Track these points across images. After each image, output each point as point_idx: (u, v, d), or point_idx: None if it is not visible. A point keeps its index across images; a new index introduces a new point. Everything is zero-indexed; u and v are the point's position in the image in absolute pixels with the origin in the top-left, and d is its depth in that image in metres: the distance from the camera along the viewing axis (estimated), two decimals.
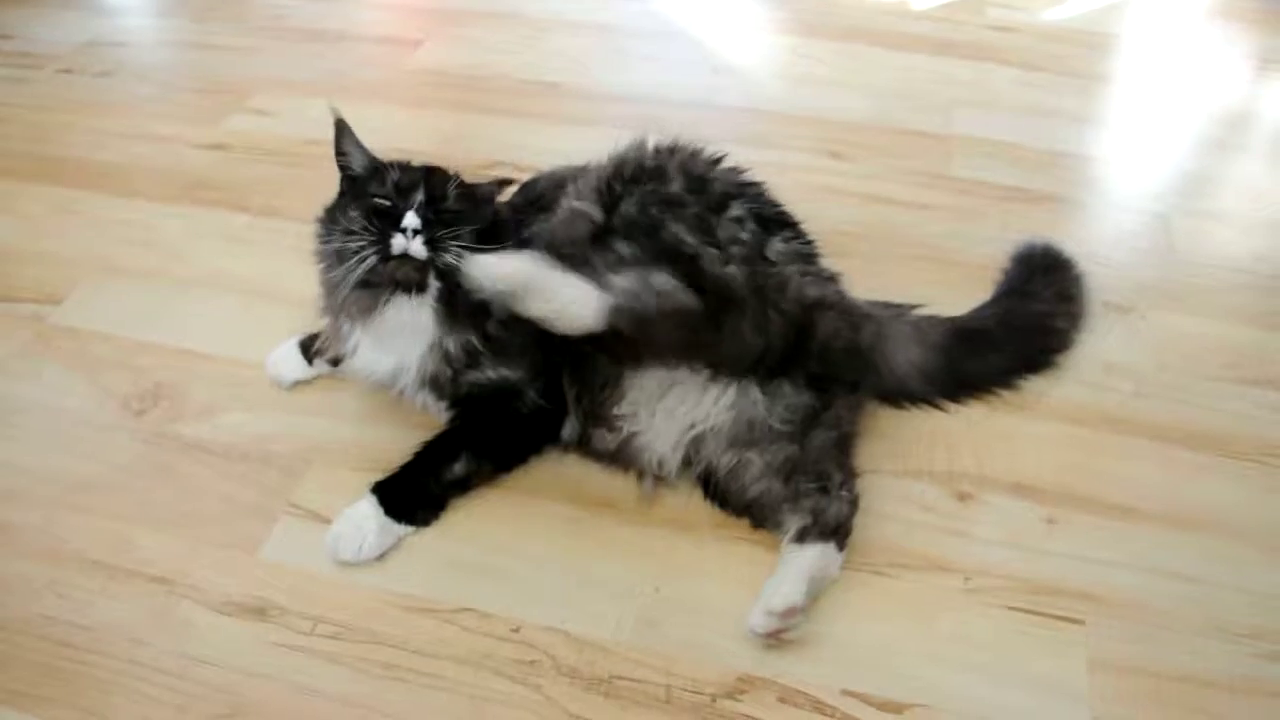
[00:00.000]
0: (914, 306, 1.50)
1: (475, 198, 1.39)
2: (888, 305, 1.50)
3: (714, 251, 1.29)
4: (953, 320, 1.51)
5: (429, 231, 1.28)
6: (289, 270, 1.73)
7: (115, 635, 1.24)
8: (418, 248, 1.27)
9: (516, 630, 1.23)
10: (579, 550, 1.32)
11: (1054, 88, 2.27)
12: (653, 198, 1.34)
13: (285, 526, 1.36)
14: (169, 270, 1.76)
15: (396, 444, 1.40)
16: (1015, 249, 1.64)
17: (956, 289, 1.63)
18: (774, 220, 1.40)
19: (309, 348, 1.53)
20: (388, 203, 1.31)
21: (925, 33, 2.47)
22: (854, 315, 1.40)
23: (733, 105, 2.20)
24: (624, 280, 1.23)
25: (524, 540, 1.34)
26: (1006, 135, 2.10)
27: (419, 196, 1.31)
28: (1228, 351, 1.61)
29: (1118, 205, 1.95)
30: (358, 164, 1.39)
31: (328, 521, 1.34)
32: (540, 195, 1.51)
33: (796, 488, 1.29)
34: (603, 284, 1.22)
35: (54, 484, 1.42)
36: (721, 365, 1.31)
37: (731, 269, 1.28)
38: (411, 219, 1.28)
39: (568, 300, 1.20)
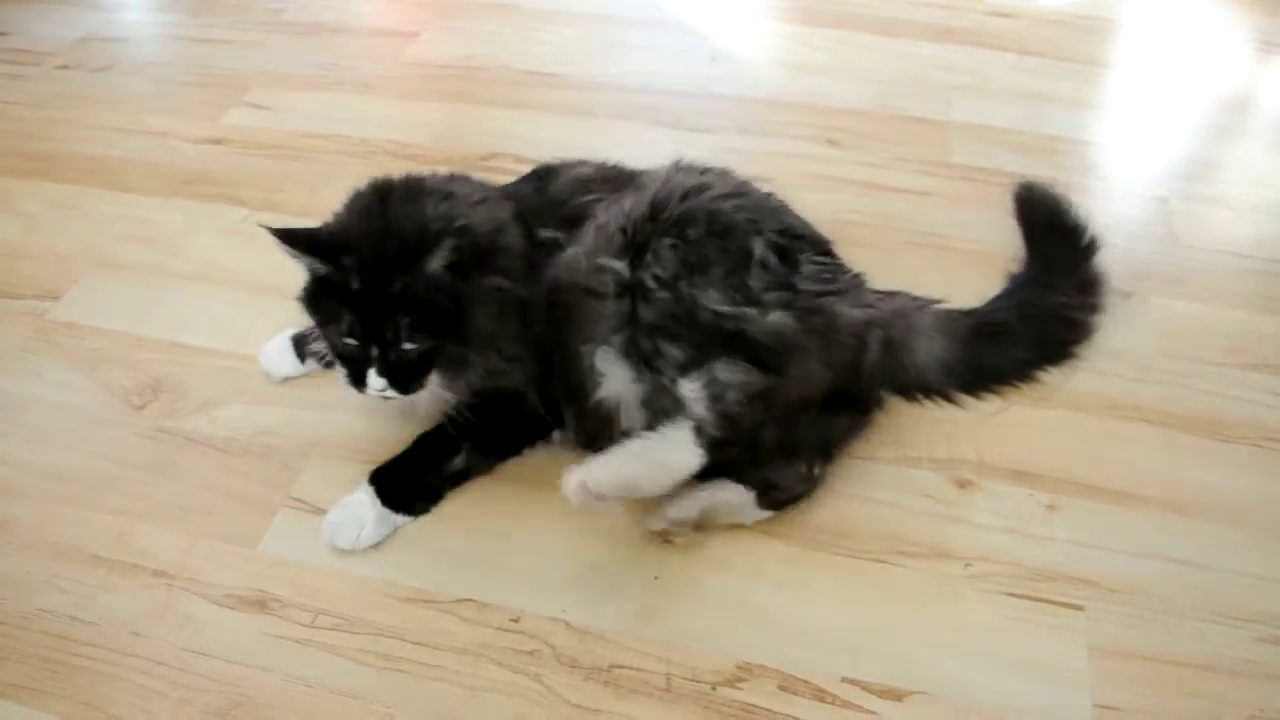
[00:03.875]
0: (935, 301, 1.50)
1: (440, 296, 1.26)
2: (913, 298, 1.49)
3: (753, 311, 1.27)
4: (974, 313, 1.51)
5: (399, 379, 1.27)
6: (287, 264, 1.72)
7: (116, 629, 1.25)
8: (393, 392, 1.27)
9: (516, 620, 1.23)
10: (579, 540, 1.32)
11: (1053, 73, 2.26)
12: (680, 264, 1.30)
13: (285, 519, 1.36)
14: (167, 265, 1.76)
15: (396, 436, 1.41)
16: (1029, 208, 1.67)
17: (956, 276, 1.63)
18: (791, 245, 1.36)
19: (302, 343, 1.53)
20: (352, 346, 1.27)
21: (924, 19, 2.45)
22: (893, 323, 1.40)
23: (731, 94, 2.19)
24: (694, 391, 1.24)
25: (523, 530, 1.34)
26: (1006, 121, 2.09)
27: (375, 350, 1.25)
28: (1228, 336, 1.60)
29: (1118, 190, 1.94)
30: (312, 268, 1.30)
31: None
32: (562, 201, 1.47)
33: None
34: (677, 397, 1.24)
35: (54, 479, 1.42)
36: (795, 407, 1.31)
37: (776, 318, 1.28)
38: (376, 382, 1.26)
39: (675, 466, 1.22)
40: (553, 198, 1.49)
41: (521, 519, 1.35)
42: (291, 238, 1.26)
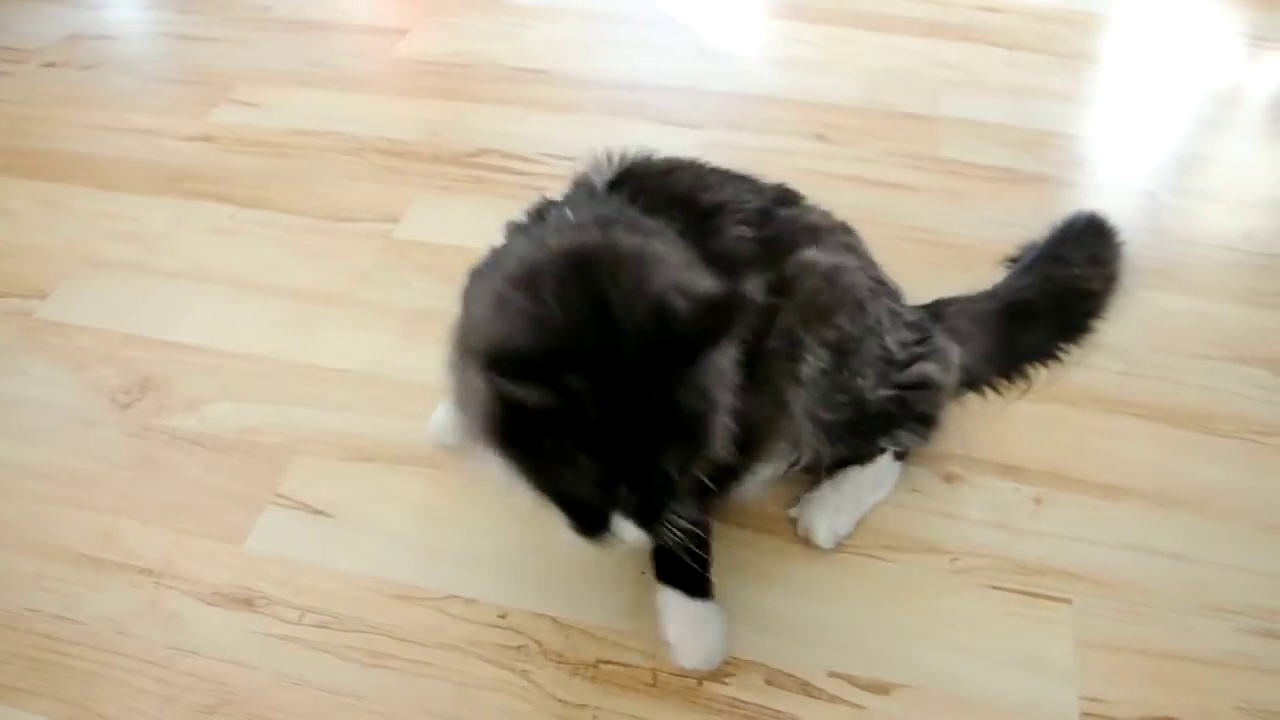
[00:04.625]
0: (960, 298, 1.50)
1: (701, 397, 0.95)
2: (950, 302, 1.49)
3: (906, 375, 1.28)
4: (996, 295, 1.52)
5: (650, 516, 0.97)
6: (275, 261, 1.74)
7: (102, 627, 1.24)
8: (635, 536, 0.97)
9: (503, 616, 1.23)
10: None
11: (1043, 68, 2.26)
12: (835, 356, 1.19)
13: (271, 517, 1.35)
14: (154, 263, 1.76)
15: (380, 434, 1.41)
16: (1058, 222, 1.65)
17: (945, 269, 1.63)
18: (886, 286, 1.32)
19: None
20: (588, 490, 0.94)
21: (913, 14, 2.45)
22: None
23: (720, 90, 2.19)
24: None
25: (511, 527, 1.33)
26: (995, 116, 2.09)
27: (624, 489, 0.94)
28: (1216, 330, 1.60)
29: (1107, 185, 1.94)
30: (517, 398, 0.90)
31: (313, 511, 1.35)
32: (780, 238, 1.22)
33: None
34: None
35: (41, 478, 1.41)
36: None
37: (919, 369, 1.29)
38: (629, 531, 0.96)
39: (887, 485, 1.35)
40: (780, 238, 1.22)
41: (510, 516, 1.34)
42: (501, 367, 0.88)
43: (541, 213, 1.21)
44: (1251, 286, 1.69)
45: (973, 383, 1.46)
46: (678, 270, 0.99)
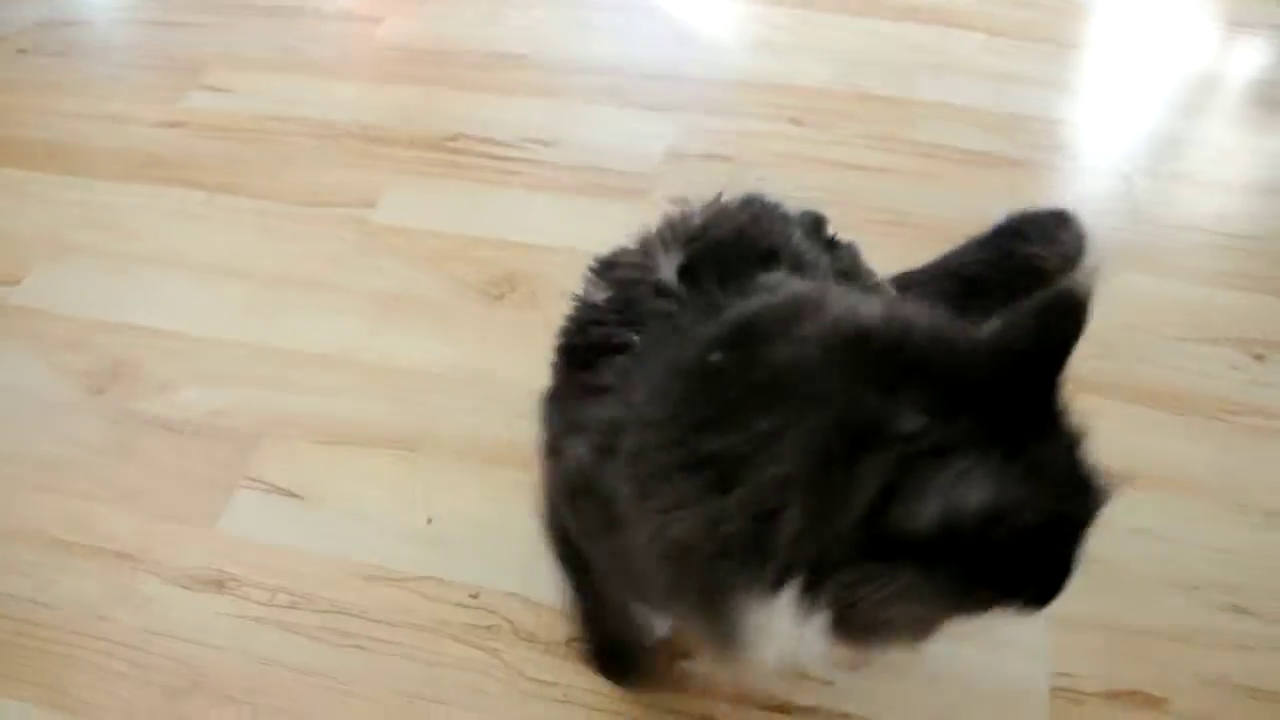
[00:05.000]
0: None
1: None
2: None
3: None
4: (948, 265, 1.48)
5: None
6: (247, 246, 1.73)
7: (77, 611, 1.24)
8: None
9: (475, 596, 1.23)
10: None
11: (1019, 52, 2.26)
12: None
13: (242, 499, 1.35)
14: (125, 249, 1.75)
15: (353, 417, 1.41)
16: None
17: (915, 251, 1.62)
18: None
19: None
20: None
21: None
22: None
23: (696, 75, 2.18)
24: None
25: (484, 507, 1.33)
26: (970, 100, 2.09)
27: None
28: (1190, 311, 1.61)
29: (1082, 168, 1.95)
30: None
31: (284, 493, 1.35)
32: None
33: None
34: None
35: (14, 463, 1.41)
36: None
37: None
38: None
39: None
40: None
41: (483, 496, 1.35)
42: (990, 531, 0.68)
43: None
44: (1223, 267, 1.70)
45: None
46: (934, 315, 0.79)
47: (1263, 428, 1.45)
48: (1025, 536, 0.70)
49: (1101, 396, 1.47)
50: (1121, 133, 2.06)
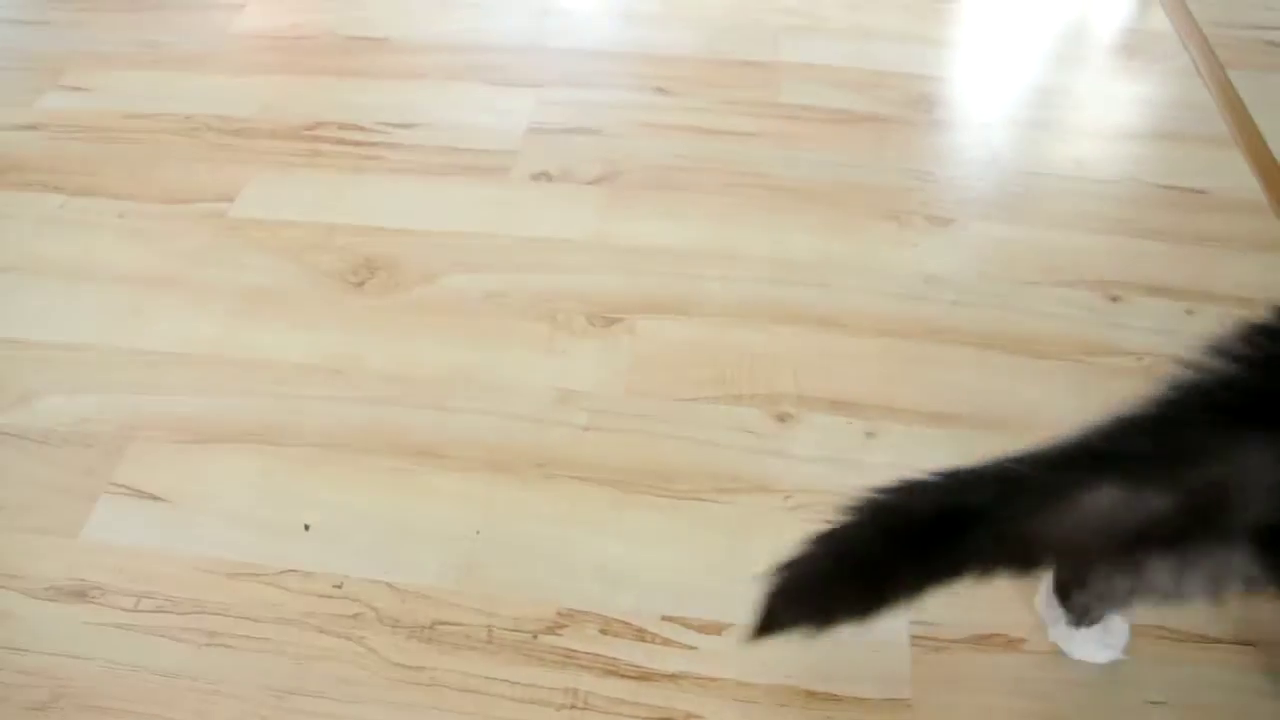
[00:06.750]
0: None
1: None
2: None
3: None
4: None
5: None
6: (106, 248, 1.70)
7: None
8: None
9: (339, 586, 1.23)
10: (401, 501, 1.32)
11: (882, 10, 2.29)
12: None
13: (106, 506, 1.33)
14: None
15: (218, 414, 1.40)
16: None
17: (779, 214, 1.65)
18: None
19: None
20: None
21: None
22: None
23: (561, 47, 2.17)
24: None
25: (345, 495, 1.33)
26: (835, 60, 2.12)
27: None
28: (1046, 256, 1.65)
29: (945, 122, 1.98)
30: None
31: (148, 496, 1.33)
32: None
33: None
34: None
35: None
36: None
37: None
38: None
39: None
40: None
41: (344, 484, 1.34)
42: None
43: None
44: (1080, 211, 1.74)
45: None
46: None
47: (1120, 367, 1.49)
48: None
49: (958, 345, 1.51)
50: (985, 84, 2.10)
